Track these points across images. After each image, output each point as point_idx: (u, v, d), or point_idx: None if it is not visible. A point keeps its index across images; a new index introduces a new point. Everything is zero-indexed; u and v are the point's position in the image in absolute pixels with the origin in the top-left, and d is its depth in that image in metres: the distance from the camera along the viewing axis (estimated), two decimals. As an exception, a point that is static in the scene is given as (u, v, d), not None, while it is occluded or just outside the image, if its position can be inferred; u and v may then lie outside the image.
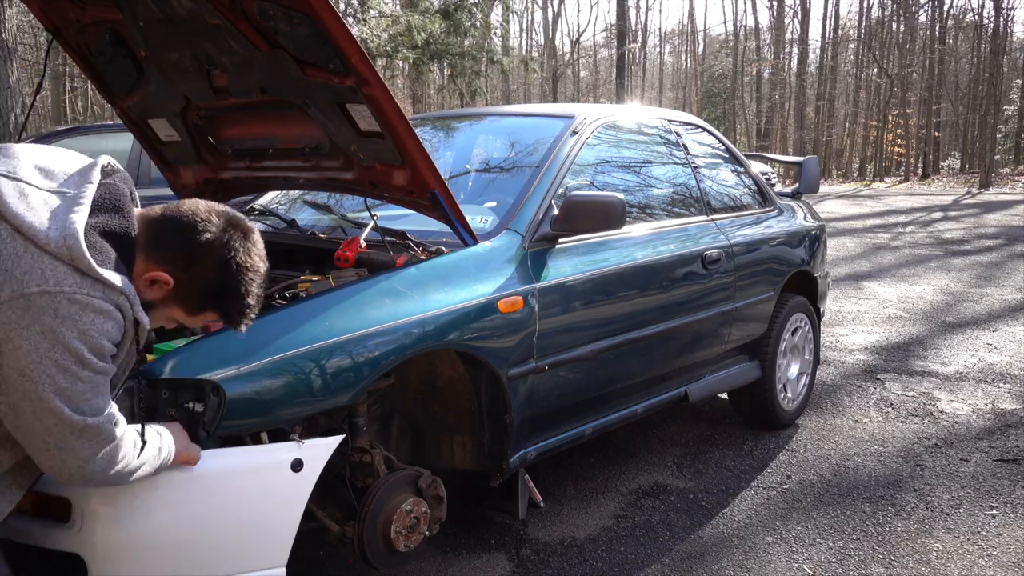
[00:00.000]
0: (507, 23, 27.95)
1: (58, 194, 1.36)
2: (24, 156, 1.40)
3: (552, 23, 40.93)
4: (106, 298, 1.32)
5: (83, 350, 1.29)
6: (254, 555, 1.77)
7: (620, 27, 20.59)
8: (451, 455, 2.52)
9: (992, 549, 2.73)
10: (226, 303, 1.51)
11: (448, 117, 3.67)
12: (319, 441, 1.87)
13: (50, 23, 2.49)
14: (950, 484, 3.23)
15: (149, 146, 2.85)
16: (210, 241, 1.46)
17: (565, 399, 2.63)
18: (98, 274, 1.30)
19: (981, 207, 16.11)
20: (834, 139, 36.85)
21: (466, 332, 2.23)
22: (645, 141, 3.41)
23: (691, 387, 3.24)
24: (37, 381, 1.27)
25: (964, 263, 8.84)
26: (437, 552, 2.72)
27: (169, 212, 1.47)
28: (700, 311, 3.17)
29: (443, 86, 23.42)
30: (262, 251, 1.56)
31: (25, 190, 1.33)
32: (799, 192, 4.36)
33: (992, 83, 24.52)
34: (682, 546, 2.76)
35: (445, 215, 2.30)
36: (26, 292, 1.24)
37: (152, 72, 2.44)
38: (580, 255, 2.65)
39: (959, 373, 4.70)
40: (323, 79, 2.10)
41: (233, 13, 2.04)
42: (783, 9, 36.72)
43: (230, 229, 1.49)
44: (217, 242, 1.46)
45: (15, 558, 1.63)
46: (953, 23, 34.53)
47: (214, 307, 1.52)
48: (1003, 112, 30.50)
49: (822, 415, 4.05)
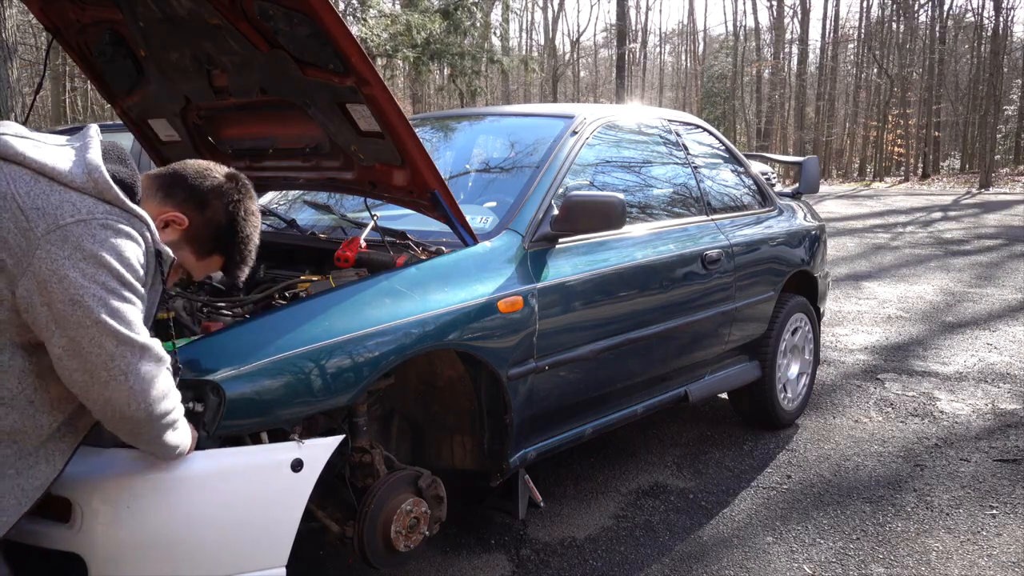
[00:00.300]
0: (507, 23, 27.94)
1: (67, 145, 1.45)
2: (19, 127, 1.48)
3: (552, 23, 40.96)
4: (132, 225, 1.40)
5: (123, 271, 1.34)
6: (254, 555, 1.77)
7: (620, 27, 20.58)
8: (451, 455, 2.52)
9: (992, 549, 2.73)
10: (231, 247, 1.67)
11: (448, 117, 3.67)
12: (319, 441, 1.87)
13: (50, 23, 2.49)
14: (950, 484, 3.23)
15: (149, 146, 2.85)
16: (218, 187, 1.64)
17: (565, 399, 2.63)
18: (124, 203, 1.39)
19: (981, 207, 16.12)
20: (834, 139, 36.85)
21: (466, 332, 2.23)
22: (645, 141, 3.41)
23: (691, 387, 3.24)
24: (90, 305, 1.30)
25: (964, 263, 8.84)
26: (437, 552, 2.72)
27: (178, 166, 1.65)
28: (700, 311, 3.17)
29: (443, 86, 23.44)
30: (258, 203, 1.75)
31: (35, 142, 1.41)
32: (799, 192, 4.36)
33: (992, 83, 24.51)
34: (682, 546, 2.76)
35: (445, 215, 2.30)
36: (61, 223, 1.30)
37: (152, 72, 2.44)
38: (580, 255, 2.65)
39: (959, 373, 4.70)
40: (323, 79, 2.10)
41: (233, 13, 2.04)
42: (783, 9, 36.73)
43: (232, 179, 1.68)
44: (224, 187, 1.64)
45: (15, 558, 1.63)
46: (953, 23, 34.55)
47: (220, 250, 1.66)
48: (1003, 112, 30.51)
49: (822, 415, 4.05)
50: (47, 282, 1.28)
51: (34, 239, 1.29)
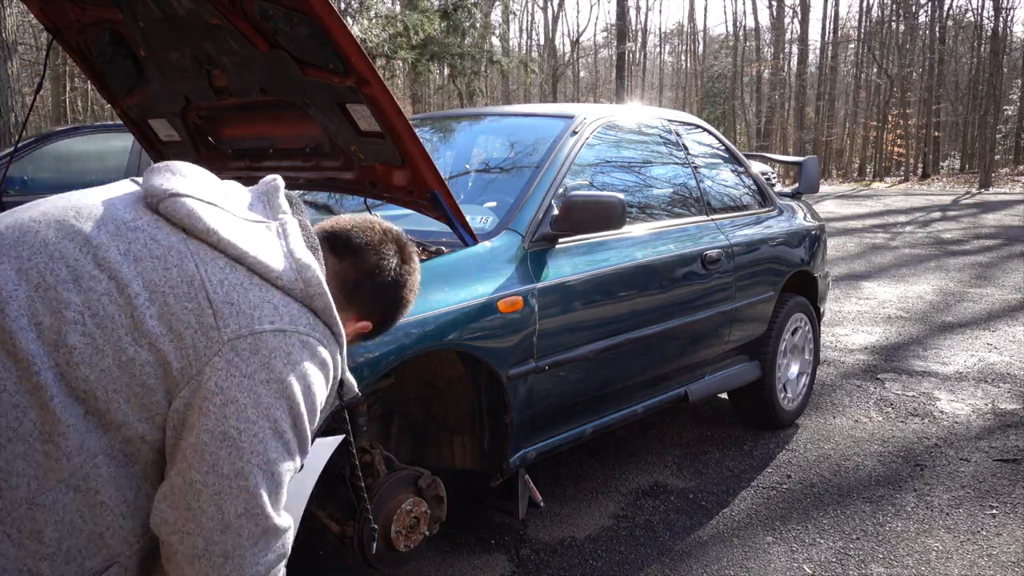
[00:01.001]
0: (507, 23, 27.95)
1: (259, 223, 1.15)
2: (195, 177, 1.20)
3: (552, 23, 40.97)
4: (329, 348, 1.10)
5: (305, 412, 1.03)
6: (254, 555, 1.77)
7: (620, 27, 20.59)
8: (451, 455, 2.52)
9: (992, 549, 2.73)
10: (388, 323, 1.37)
11: (448, 117, 3.67)
12: (319, 441, 1.86)
13: (50, 23, 2.49)
14: (950, 484, 3.23)
15: (149, 146, 2.85)
16: (395, 281, 1.30)
17: (565, 399, 2.63)
18: (333, 316, 1.09)
19: (980, 207, 16.12)
20: (834, 139, 36.84)
21: (466, 332, 2.23)
22: (645, 141, 3.41)
23: (691, 387, 3.24)
24: (245, 448, 0.97)
25: (964, 263, 8.84)
26: (437, 552, 2.72)
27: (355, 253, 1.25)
28: (700, 311, 3.17)
29: (442, 86, 23.43)
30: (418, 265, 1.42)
31: (224, 214, 1.12)
32: (799, 192, 4.36)
33: (992, 83, 24.52)
34: (682, 546, 2.76)
35: (445, 215, 2.30)
36: (256, 330, 1.00)
37: (152, 72, 2.44)
38: (580, 255, 2.65)
39: (959, 373, 4.70)
40: (323, 79, 2.10)
41: (233, 13, 2.04)
42: (783, 9, 36.74)
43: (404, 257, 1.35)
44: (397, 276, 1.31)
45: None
46: (953, 23, 34.54)
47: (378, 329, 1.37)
48: (1003, 112, 30.51)
49: (822, 415, 4.05)
50: (207, 399, 0.97)
51: (216, 342, 0.99)
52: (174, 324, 0.98)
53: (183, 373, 0.98)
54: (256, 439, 0.98)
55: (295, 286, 1.05)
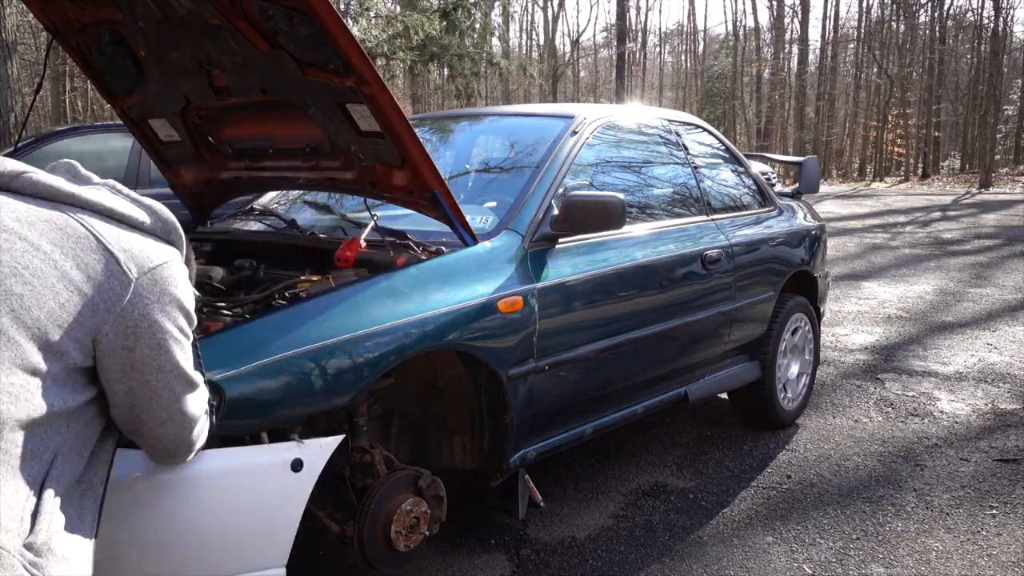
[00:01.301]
0: (507, 24, 27.94)
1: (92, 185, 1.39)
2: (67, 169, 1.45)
3: (552, 23, 40.96)
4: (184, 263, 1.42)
5: (191, 312, 1.36)
6: (254, 555, 1.77)
7: (620, 27, 20.60)
8: (451, 455, 2.52)
9: (992, 549, 2.73)
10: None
11: (448, 117, 3.67)
12: (319, 441, 1.87)
13: (50, 23, 2.49)
14: (950, 484, 3.23)
15: (149, 146, 2.85)
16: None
17: (565, 399, 2.63)
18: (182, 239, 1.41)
19: (981, 207, 16.12)
20: (834, 139, 36.85)
21: (466, 332, 2.23)
22: (645, 141, 3.41)
23: (691, 387, 3.24)
24: (170, 345, 1.31)
25: (964, 263, 8.84)
26: (437, 552, 2.72)
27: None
28: (700, 311, 3.17)
29: (441, 85, 23.43)
30: None
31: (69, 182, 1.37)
32: (799, 192, 4.37)
33: (992, 83, 24.52)
34: (682, 546, 2.76)
35: (445, 215, 2.30)
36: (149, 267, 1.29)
37: (152, 72, 2.44)
38: (580, 255, 2.65)
39: (959, 373, 4.70)
40: (323, 79, 2.10)
41: (233, 13, 2.04)
42: (783, 9, 36.74)
43: None
44: None
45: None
46: (953, 23, 34.56)
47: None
48: (1003, 112, 30.54)
49: (822, 415, 4.05)
50: (137, 327, 1.25)
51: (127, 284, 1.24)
52: (90, 272, 1.21)
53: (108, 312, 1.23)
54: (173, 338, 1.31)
55: (155, 227, 1.34)
